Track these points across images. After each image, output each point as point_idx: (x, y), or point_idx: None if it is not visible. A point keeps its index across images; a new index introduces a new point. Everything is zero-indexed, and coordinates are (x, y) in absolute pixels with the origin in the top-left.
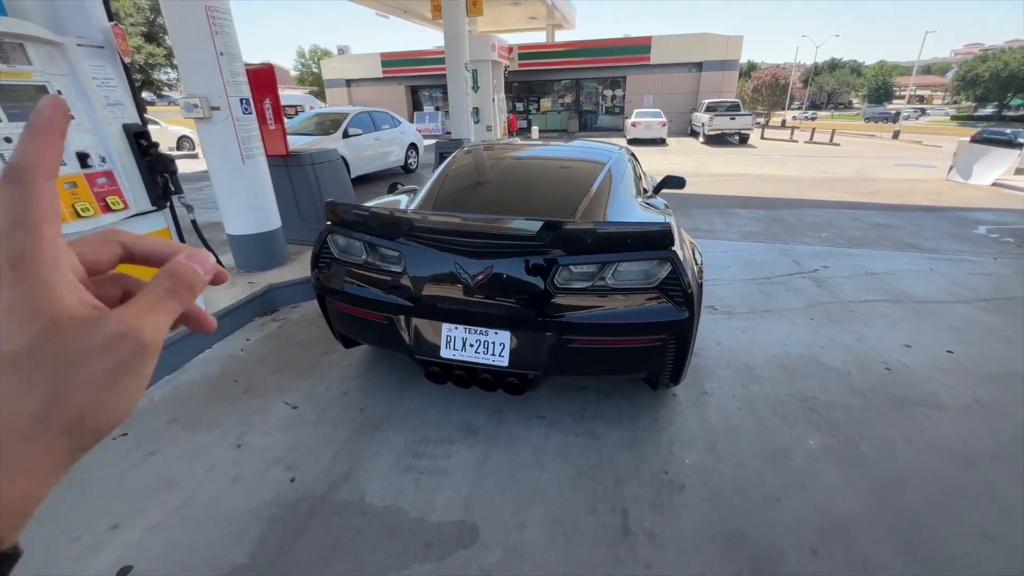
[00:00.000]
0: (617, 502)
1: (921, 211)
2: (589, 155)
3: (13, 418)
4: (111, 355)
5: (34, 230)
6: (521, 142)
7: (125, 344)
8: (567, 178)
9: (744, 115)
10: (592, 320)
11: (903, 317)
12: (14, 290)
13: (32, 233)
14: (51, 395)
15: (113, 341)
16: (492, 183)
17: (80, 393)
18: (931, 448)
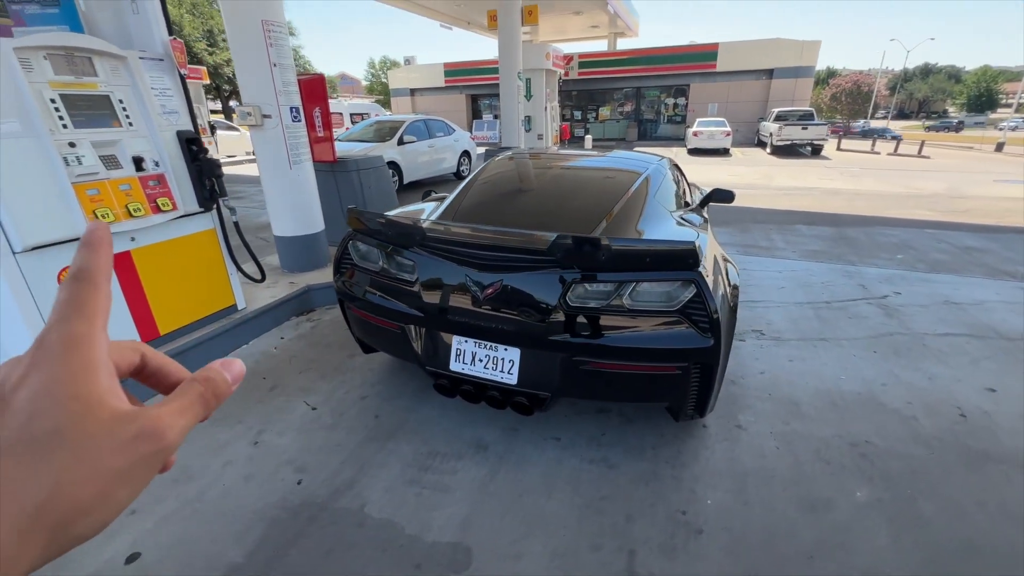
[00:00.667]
0: (625, 541)
1: (1022, 234)
2: (625, 165)
3: (12, 507)
4: (132, 452)
5: (92, 320)
6: (559, 151)
7: (149, 443)
8: (597, 189)
9: (818, 125)
10: (606, 342)
11: (988, 356)
12: (60, 367)
13: (89, 322)
14: (52, 485)
15: (140, 438)
16: (517, 193)
17: (83, 490)
18: (1009, 516)
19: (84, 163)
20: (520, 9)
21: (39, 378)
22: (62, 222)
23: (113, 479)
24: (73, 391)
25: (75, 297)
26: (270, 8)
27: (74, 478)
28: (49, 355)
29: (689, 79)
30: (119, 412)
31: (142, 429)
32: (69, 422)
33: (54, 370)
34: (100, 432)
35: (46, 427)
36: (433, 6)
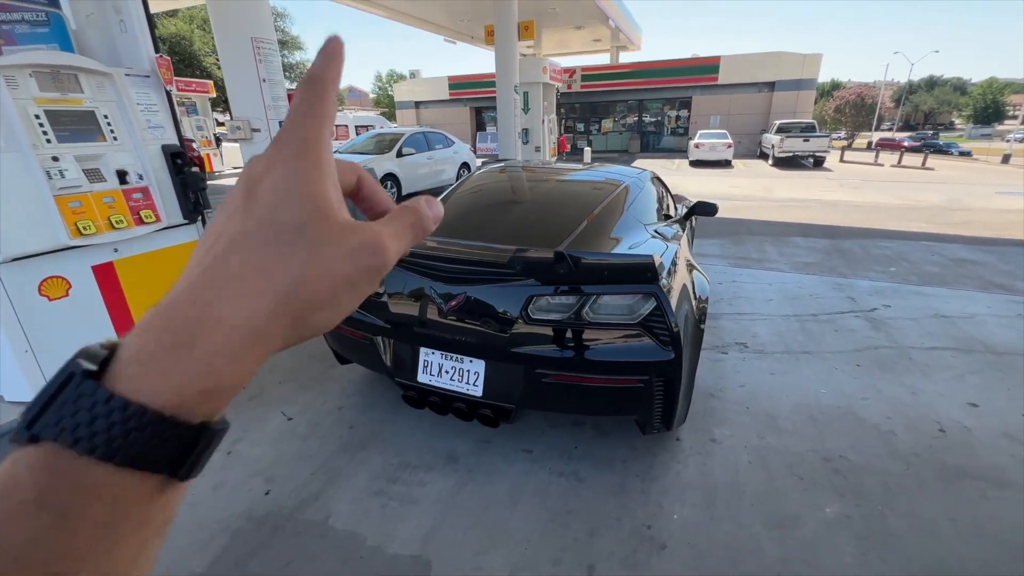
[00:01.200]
0: (586, 556)
1: (1021, 247)
2: (604, 178)
3: (262, 292)
4: (357, 262)
5: (320, 122)
6: (544, 164)
7: (372, 257)
8: (572, 202)
9: (819, 136)
10: (567, 355)
11: (974, 370)
12: (297, 163)
13: (318, 124)
14: (298, 279)
15: (365, 249)
16: (493, 206)
17: (319, 286)
18: (982, 534)
19: (67, 176)
20: (516, 24)
21: (279, 172)
22: (43, 234)
23: (341, 282)
24: (309, 189)
25: (307, 100)
26: (260, 26)
27: (313, 273)
28: (285, 152)
29: (691, 92)
30: (345, 220)
31: (365, 241)
32: (308, 218)
33: (290, 165)
34: (332, 235)
35: (288, 220)
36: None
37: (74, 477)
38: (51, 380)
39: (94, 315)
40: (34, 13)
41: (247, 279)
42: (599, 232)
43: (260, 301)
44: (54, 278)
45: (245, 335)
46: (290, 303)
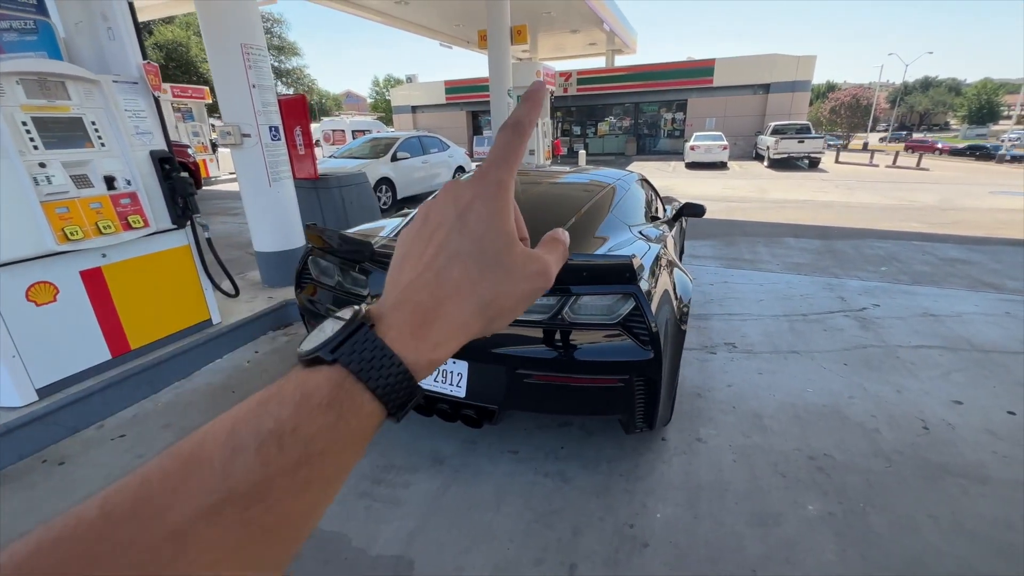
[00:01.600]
0: (568, 555)
1: (1012, 246)
2: (591, 180)
3: (473, 298)
4: (531, 283)
5: (512, 169)
6: (533, 167)
7: (541, 280)
8: (557, 204)
9: (814, 138)
10: (547, 355)
11: (960, 368)
12: (496, 204)
13: (511, 170)
14: (494, 291)
15: (539, 274)
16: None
17: (507, 299)
18: (961, 530)
19: (54, 182)
20: (509, 29)
21: (485, 207)
22: (30, 239)
23: (519, 297)
24: (503, 226)
25: (509, 144)
26: (249, 32)
27: (504, 290)
28: (488, 191)
29: (687, 94)
30: (526, 251)
31: (540, 268)
32: (504, 248)
33: (491, 204)
34: (517, 263)
35: (491, 249)
36: (433, 26)
37: (353, 393)
38: (344, 325)
39: (82, 320)
40: (23, 21)
41: (463, 288)
42: (584, 233)
43: (470, 304)
44: (41, 283)
45: (458, 326)
46: (488, 308)
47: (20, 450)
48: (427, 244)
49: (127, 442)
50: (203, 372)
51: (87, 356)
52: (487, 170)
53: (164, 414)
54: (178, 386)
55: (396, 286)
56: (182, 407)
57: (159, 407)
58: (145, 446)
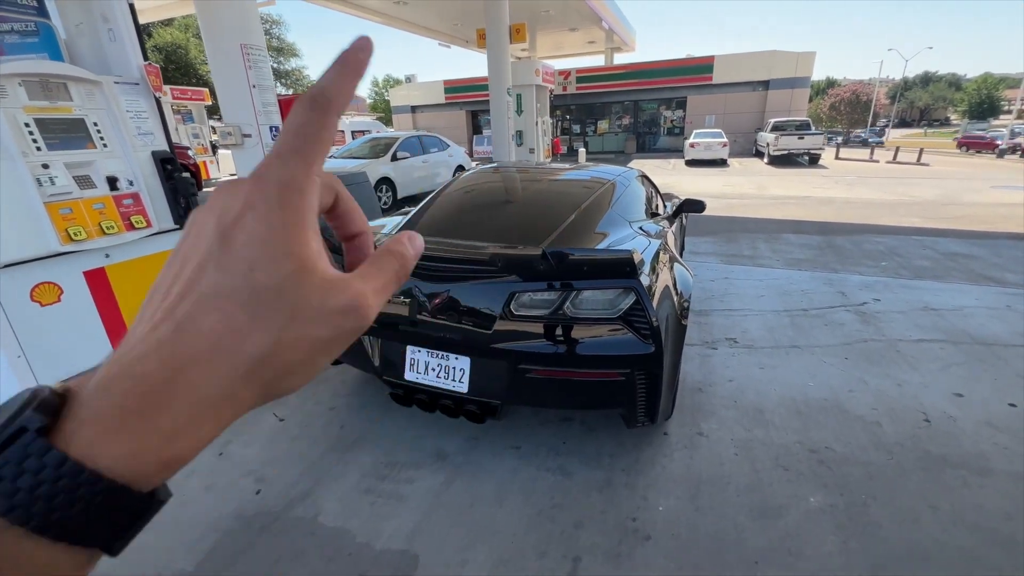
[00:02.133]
0: (571, 548)
1: (1013, 240)
2: (591, 177)
3: (236, 357)
4: (337, 324)
5: (310, 162)
6: (534, 164)
7: (354, 320)
8: (558, 201)
9: (814, 134)
10: (549, 350)
11: (960, 361)
12: (276, 216)
13: (307, 165)
14: (272, 343)
15: (346, 311)
16: (480, 205)
17: (295, 352)
18: (962, 521)
19: (57, 183)
20: (507, 27)
21: (259, 224)
22: (34, 240)
23: (318, 347)
24: (287, 247)
25: (303, 128)
26: (249, 32)
27: (289, 339)
28: (266, 197)
29: (686, 92)
30: (328, 279)
31: (349, 304)
32: (287, 282)
33: (270, 217)
34: (312, 298)
35: (267, 283)
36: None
37: (9, 543)
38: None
39: (86, 320)
40: (23, 23)
41: (221, 344)
42: (584, 229)
43: (233, 367)
44: (46, 284)
45: (215, 401)
46: (264, 368)
47: None
48: (173, 281)
49: None
50: None
51: (92, 356)
52: (267, 167)
53: None
54: None
55: (118, 351)
56: None
57: None
58: None
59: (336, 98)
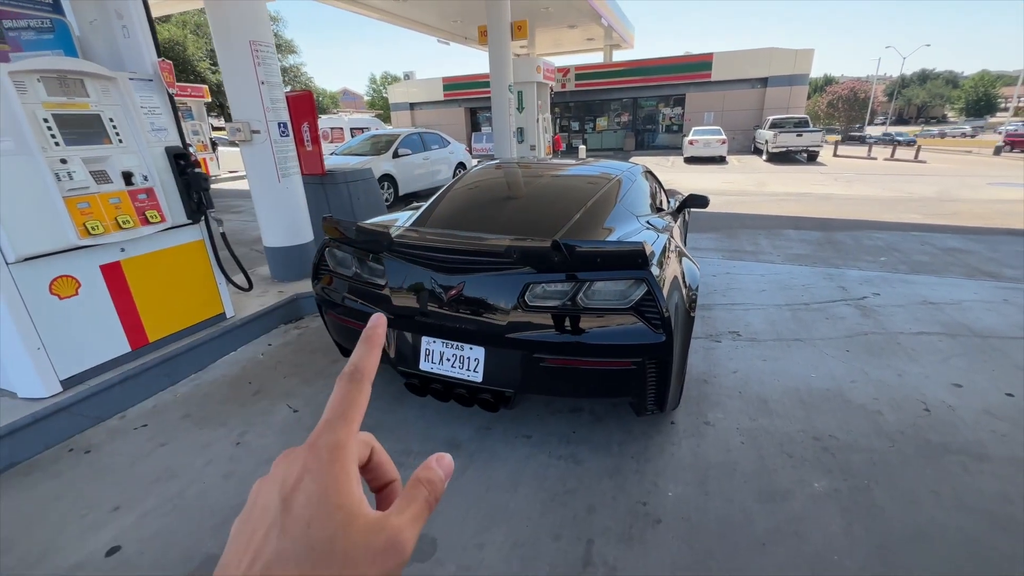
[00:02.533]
0: (584, 531)
1: (1010, 235)
2: (598, 173)
3: None
4: (383, 562)
5: (351, 425)
6: (539, 160)
7: (396, 554)
8: (566, 195)
9: (813, 131)
10: (563, 339)
11: (959, 353)
12: (328, 476)
13: (350, 427)
14: None
15: (389, 548)
16: (491, 200)
17: None
18: (962, 505)
19: (75, 178)
20: (509, 24)
21: (314, 485)
22: (53, 234)
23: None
24: (338, 500)
25: (345, 398)
26: (258, 29)
27: None
28: (319, 461)
29: (685, 89)
30: (370, 521)
31: (389, 541)
32: (339, 531)
33: (324, 479)
34: (360, 542)
35: (322, 536)
36: (430, 23)
37: None
38: None
39: (103, 313)
40: (39, 20)
41: None
42: (593, 223)
43: None
44: (64, 277)
45: None
46: None
47: (47, 439)
48: (244, 550)
49: (149, 431)
50: (219, 364)
51: (108, 348)
52: (319, 434)
53: (183, 405)
54: (195, 378)
55: None
56: (200, 398)
57: (178, 398)
58: (167, 435)
59: (367, 371)
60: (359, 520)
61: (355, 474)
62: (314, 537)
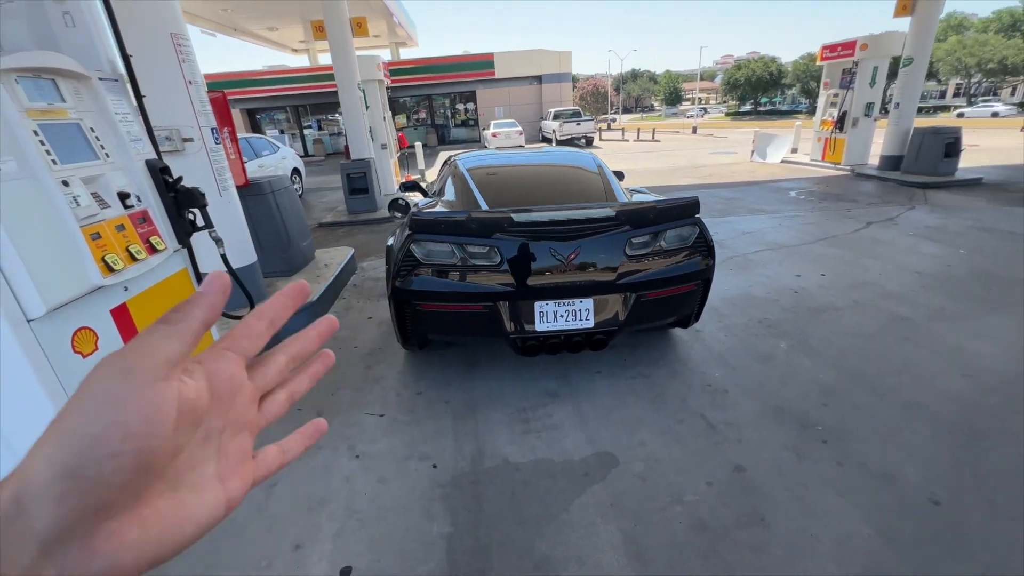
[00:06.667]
0: (692, 411)
1: (748, 185)
2: (579, 157)
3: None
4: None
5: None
6: (508, 151)
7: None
8: (580, 172)
9: (587, 120)
10: (657, 276)
11: (783, 259)
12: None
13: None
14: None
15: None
16: (520, 182)
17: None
18: (845, 333)
19: (82, 203)
20: (348, 20)
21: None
22: (77, 275)
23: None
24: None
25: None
26: (177, 20)
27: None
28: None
29: (475, 86)
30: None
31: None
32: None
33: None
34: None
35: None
36: (191, 10)
37: None
38: None
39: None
40: None
41: None
42: (613, 192)
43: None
44: (83, 330)
45: None
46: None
47: None
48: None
49: None
50: None
51: None
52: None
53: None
54: None
55: None
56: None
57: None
58: None
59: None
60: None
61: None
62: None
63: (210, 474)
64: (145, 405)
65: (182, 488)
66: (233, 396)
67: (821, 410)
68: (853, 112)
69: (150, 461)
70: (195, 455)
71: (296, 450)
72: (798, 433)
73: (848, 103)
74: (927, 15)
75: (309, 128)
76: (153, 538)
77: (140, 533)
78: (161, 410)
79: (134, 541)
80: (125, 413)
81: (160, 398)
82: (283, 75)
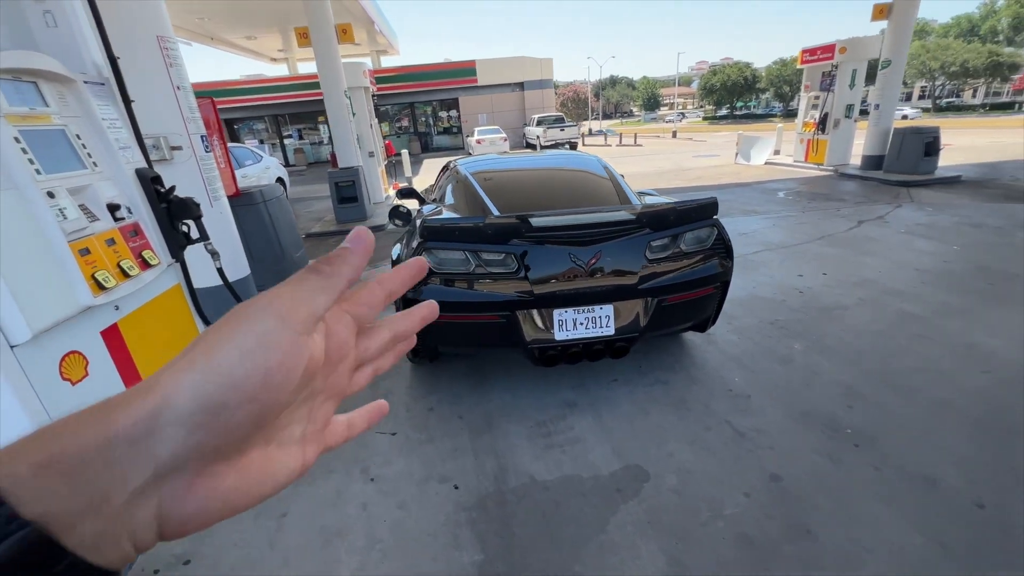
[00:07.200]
0: (717, 418)
1: (737, 187)
2: (584, 160)
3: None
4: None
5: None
6: (511, 155)
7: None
8: (589, 175)
9: (571, 126)
10: (678, 280)
11: (782, 259)
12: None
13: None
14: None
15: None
16: (530, 186)
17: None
18: (858, 332)
19: (69, 216)
20: (334, 27)
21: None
22: (64, 295)
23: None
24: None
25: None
26: (163, 23)
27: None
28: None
29: (457, 93)
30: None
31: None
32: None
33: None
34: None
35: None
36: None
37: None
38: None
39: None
40: None
41: None
42: (627, 194)
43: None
44: (72, 354)
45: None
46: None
47: None
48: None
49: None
50: None
51: None
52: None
53: None
54: None
55: None
56: None
57: None
58: (279, 507)
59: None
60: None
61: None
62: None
63: (297, 435)
64: (290, 357)
65: (274, 444)
66: (340, 362)
67: (848, 412)
68: (834, 114)
69: (273, 412)
70: (293, 414)
71: (360, 427)
72: (828, 437)
73: (829, 105)
74: (903, 19)
75: (289, 138)
76: (242, 489)
77: (235, 480)
78: (300, 365)
79: (228, 488)
80: (273, 360)
81: (302, 352)
82: (262, 84)
